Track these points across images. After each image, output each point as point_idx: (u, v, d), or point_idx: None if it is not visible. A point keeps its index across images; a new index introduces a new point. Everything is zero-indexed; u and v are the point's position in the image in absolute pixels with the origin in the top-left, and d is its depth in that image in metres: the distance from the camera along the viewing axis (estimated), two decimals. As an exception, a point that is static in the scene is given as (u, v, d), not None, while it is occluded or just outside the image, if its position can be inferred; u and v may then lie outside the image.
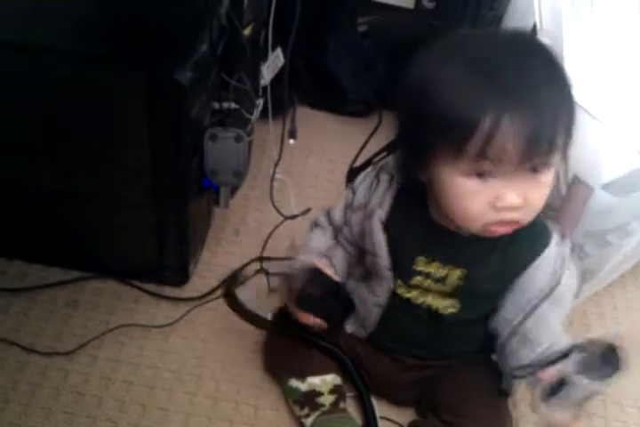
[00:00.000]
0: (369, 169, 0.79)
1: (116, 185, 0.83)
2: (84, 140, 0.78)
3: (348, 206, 0.79)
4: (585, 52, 0.83)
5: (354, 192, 0.78)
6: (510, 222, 0.64)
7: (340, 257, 0.81)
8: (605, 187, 0.79)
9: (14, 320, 0.87)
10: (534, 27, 0.86)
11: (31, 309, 0.89)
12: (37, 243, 0.93)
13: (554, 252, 0.71)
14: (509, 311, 0.73)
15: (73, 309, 0.89)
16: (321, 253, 0.81)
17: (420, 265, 0.73)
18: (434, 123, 0.62)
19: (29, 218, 0.88)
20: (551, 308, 0.72)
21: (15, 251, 0.94)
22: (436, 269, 0.73)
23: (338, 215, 0.81)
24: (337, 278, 0.77)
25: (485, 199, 0.63)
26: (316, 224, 0.84)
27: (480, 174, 0.62)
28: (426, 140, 0.63)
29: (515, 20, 1.03)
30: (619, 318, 1.00)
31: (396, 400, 0.84)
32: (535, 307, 0.71)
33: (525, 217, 0.65)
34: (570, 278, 0.72)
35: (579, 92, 0.78)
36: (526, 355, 0.73)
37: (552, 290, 0.71)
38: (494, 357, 0.80)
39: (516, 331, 0.73)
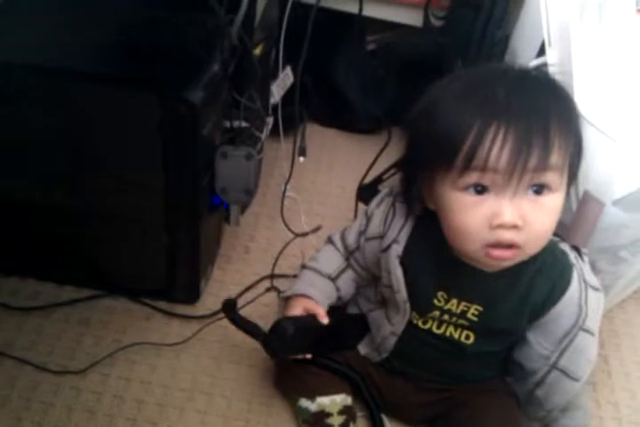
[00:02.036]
0: (385, 192, 0.78)
1: (128, 204, 0.83)
2: (97, 159, 0.79)
3: (362, 233, 0.78)
4: (594, 68, 0.83)
5: (368, 218, 0.77)
6: (509, 246, 0.62)
7: (347, 279, 0.82)
8: (616, 203, 0.78)
9: (27, 339, 0.87)
10: (542, 44, 0.87)
11: (44, 327, 0.89)
12: (51, 262, 0.93)
13: (577, 285, 0.70)
14: (545, 348, 0.72)
15: (85, 327, 0.90)
16: (327, 273, 0.81)
17: (438, 301, 0.72)
18: (430, 139, 0.64)
19: (43, 237, 0.89)
20: (585, 336, 0.71)
21: (29, 270, 0.94)
22: (453, 306, 0.72)
23: (351, 239, 0.80)
24: (323, 317, 0.77)
25: (482, 215, 0.62)
26: (330, 240, 0.84)
27: (478, 191, 0.62)
28: (424, 156, 0.65)
29: (523, 37, 1.03)
30: (633, 334, 0.99)
31: (409, 420, 0.83)
32: (572, 340, 0.70)
33: (526, 242, 0.63)
34: (596, 298, 0.71)
35: (588, 108, 0.79)
36: (565, 391, 0.72)
37: (584, 320, 0.70)
38: (509, 379, 0.79)
39: (554, 366, 0.72)
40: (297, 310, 0.79)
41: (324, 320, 0.77)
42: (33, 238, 0.90)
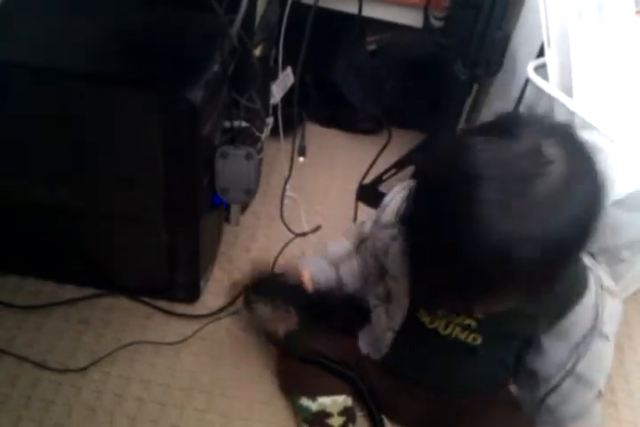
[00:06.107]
0: (401, 184, 0.78)
1: (129, 203, 0.84)
2: (97, 158, 0.80)
3: (376, 222, 0.78)
4: (593, 69, 0.83)
5: (383, 208, 0.78)
6: None
7: (351, 268, 0.83)
8: (616, 203, 0.78)
9: (28, 337, 0.88)
10: (543, 45, 0.87)
11: (44, 325, 0.89)
12: (51, 260, 0.94)
13: (594, 289, 0.68)
14: (560, 357, 0.71)
15: (85, 325, 0.90)
16: (332, 260, 0.83)
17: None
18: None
19: (43, 236, 0.89)
20: (602, 342, 0.70)
21: (29, 268, 0.94)
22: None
23: (367, 227, 0.82)
24: (309, 289, 0.80)
25: None
26: (347, 233, 0.86)
27: None
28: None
29: (523, 38, 1.03)
30: (633, 335, 0.99)
31: (407, 423, 0.83)
32: (588, 346, 0.69)
33: None
34: (613, 304, 0.69)
35: (587, 109, 0.79)
36: (578, 400, 0.71)
37: (601, 325, 0.68)
38: (512, 388, 0.78)
39: (570, 373, 0.70)
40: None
41: (309, 287, 0.80)
42: (34, 237, 0.90)
